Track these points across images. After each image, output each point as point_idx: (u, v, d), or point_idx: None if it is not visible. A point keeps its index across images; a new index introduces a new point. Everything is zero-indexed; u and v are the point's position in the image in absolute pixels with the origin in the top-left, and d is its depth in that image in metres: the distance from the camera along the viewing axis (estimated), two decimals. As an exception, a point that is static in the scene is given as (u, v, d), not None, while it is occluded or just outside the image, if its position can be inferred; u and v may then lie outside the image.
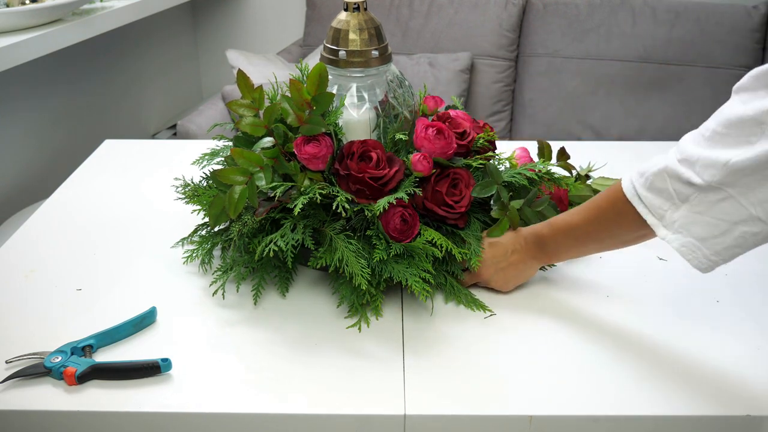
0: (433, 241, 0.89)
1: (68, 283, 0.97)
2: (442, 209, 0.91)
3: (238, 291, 0.94)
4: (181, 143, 1.47)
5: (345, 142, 0.93)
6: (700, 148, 0.71)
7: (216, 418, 0.75)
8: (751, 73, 0.69)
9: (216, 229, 1.00)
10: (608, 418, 0.75)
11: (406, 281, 0.86)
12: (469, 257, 0.90)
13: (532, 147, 1.30)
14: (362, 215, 0.91)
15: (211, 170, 0.96)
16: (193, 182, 1.03)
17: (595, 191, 1.07)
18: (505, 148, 1.19)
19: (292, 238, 0.87)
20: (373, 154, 0.89)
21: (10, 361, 0.80)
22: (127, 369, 0.79)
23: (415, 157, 0.90)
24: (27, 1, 1.61)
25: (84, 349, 0.82)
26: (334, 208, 0.87)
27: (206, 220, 1.01)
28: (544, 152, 1.08)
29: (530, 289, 0.96)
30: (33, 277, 0.98)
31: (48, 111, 1.93)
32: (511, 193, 0.96)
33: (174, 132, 2.56)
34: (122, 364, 0.79)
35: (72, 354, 0.80)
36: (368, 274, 0.85)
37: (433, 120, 0.95)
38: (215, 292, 0.94)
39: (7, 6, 1.58)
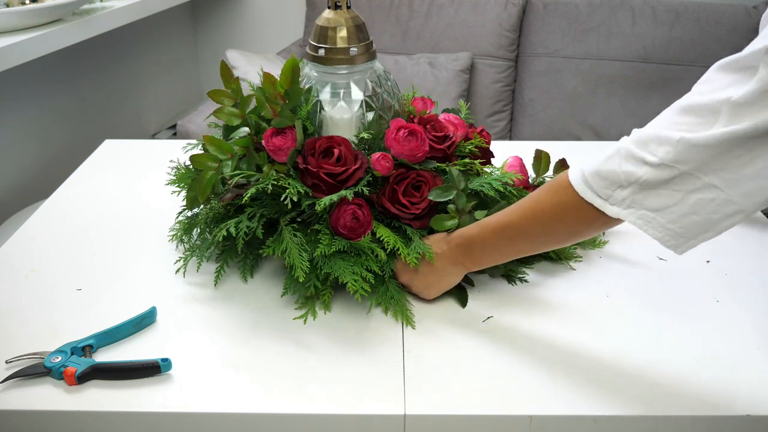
0: (381, 238, 0.89)
1: (68, 283, 0.97)
2: (395, 207, 0.91)
3: (226, 272, 0.94)
4: (181, 143, 1.47)
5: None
6: (652, 130, 0.70)
7: (216, 418, 0.75)
8: (711, 67, 0.69)
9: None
10: (608, 418, 0.75)
11: (344, 278, 0.87)
12: (408, 253, 0.89)
13: (532, 148, 1.30)
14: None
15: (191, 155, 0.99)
16: (185, 165, 1.04)
17: None
18: (505, 149, 1.20)
19: (246, 226, 0.89)
20: (336, 150, 0.90)
21: (10, 361, 0.80)
22: (127, 369, 0.79)
23: (374, 156, 0.90)
24: (27, 1, 1.61)
25: (84, 349, 0.82)
26: (281, 199, 0.88)
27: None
28: (541, 162, 1.04)
29: (530, 289, 0.96)
30: (33, 277, 0.98)
31: (48, 111, 1.93)
32: (474, 202, 0.92)
33: (174, 132, 2.56)
34: (122, 364, 0.79)
35: (72, 354, 0.80)
36: (307, 267, 0.86)
37: (415, 121, 0.95)
38: (177, 271, 0.99)
39: (7, 6, 1.58)
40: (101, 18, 1.75)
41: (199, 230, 1.01)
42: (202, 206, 0.98)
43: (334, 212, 0.89)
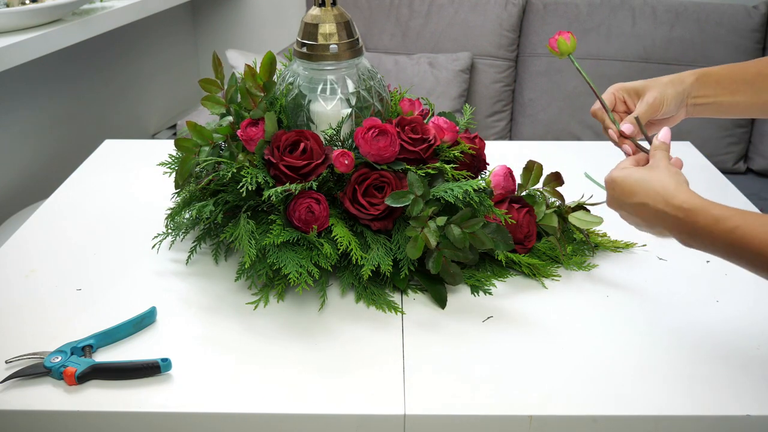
0: (335, 237, 0.89)
1: (68, 283, 0.97)
2: (354, 207, 0.92)
3: (226, 260, 0.94)
4: (181, 143, 1.47)
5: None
6: None
7: (216, 418, 0.75)
8: None
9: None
10: (608, 418, 0.75)
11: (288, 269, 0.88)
12: (368, 262, 0.89)
13: (532, 148, 1.29)
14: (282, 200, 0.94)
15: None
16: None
17: (572, 225, 1.01)
18: (506, 148, 1.19)
19: (209, 210, 0.93)
20: (303, 144, 0.91)
21: (10, 361, 0.80)
22: (127, 369, 0.79)
23: (336, 153, 0.91)
24: (27, 1, 1.61)
25: (84, 349, 0.82)
26: (238, 187, 0.90)
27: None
28: (531, 173, 1.01)
29: (530, 289, 0.96)
30: (33, 277, 0.98)
31: (48, 111, 1.93)
32: (434, 207, 0.91)
33: (174, 132, 2.56)
34: (122, 364, 0.79)
35: (72, 354, 0.80)
36: (254, 254, 0.88)
37: (394, 122, 0.95)
38: (153, 246, 1.05)
39: (7, 6, 1.58)
40: (101, 18, 1.75)
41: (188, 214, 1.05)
42: (186, 189, 1.02)
43: (291, 203, 0.90)
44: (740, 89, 0.88)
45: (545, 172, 1.03)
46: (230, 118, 0.98)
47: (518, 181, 1.03)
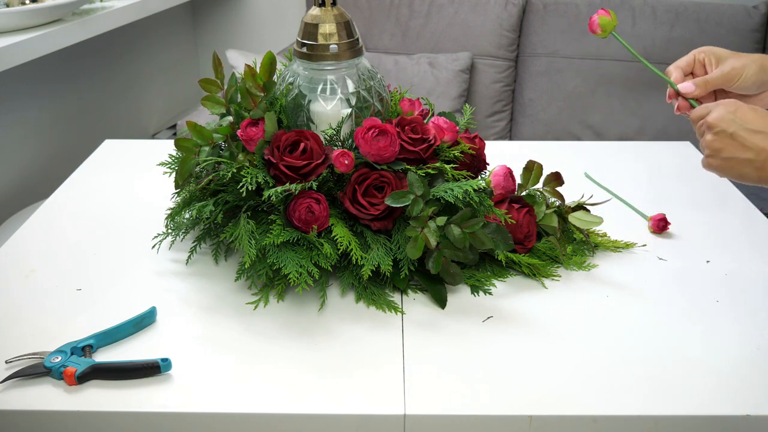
0: (335, 237, 0.89)
1: (68, 283, 0.97)
2: (354, 207, 0.92)
3: (226, 260, 0.95)
4: (181, 143, 1.47)
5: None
6: None
7: (216, 418, 0.75)
8: None
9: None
10: (608, 418, 0.75)
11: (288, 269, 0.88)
12: (368, 262, 0.89)
13: (532, 149, 1.29)
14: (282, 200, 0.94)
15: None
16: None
17: (572, 225, 1.02)
18: (506, 148, 1.19)
19: (209, 210, 0.93)
20: (303, 144, 0.91)
21: (10, 361, 0.80)
22: (127, 369, 0.79)
23: (336, 153, 0.91)
24: (27, 1, 1.61)
25: (84, 349, 0.82)
26: (238, 187, 0.90)
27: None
28: (531, 173, 1.01)
29: (530, 289, 0.96)
30: (33, 277, 0.98)
31: (48, 111, 1.93)
32: (434, 207, 0.91)
33: (174, 132, 2.56)
34: (122, 364, 0.79)
35: (72, 354, 0.80)
36: (254, 254, 0.88)
37: (394, 122, 0.95)
38: (153, 246, 1.04)
39: (7, 6, 1.58)
40: (101, 18, 1.75)
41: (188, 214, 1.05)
42: (186, 189, 1.02)
43: (291, 203, 0.90)
44: None
45: (545, 172, 1.03)
46: (230, 118, 0.98)
47: (518, 181, 1.03)
